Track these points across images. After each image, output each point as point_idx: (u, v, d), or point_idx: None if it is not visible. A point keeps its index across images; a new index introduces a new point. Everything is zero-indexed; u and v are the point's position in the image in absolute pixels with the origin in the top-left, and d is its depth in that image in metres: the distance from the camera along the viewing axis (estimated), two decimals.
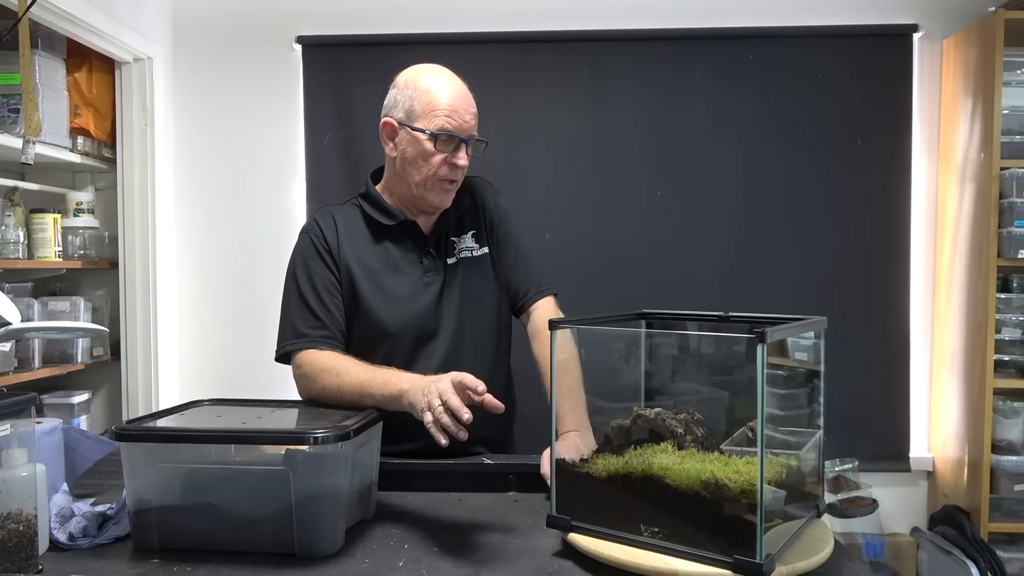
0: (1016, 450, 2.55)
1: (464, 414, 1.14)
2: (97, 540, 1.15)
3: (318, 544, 1.10)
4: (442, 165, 1.47)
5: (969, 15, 2.69)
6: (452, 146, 1.47)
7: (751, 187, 2.79)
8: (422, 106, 1.46)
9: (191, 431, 1.18)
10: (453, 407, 1.15)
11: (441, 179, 1.49)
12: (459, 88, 1.49)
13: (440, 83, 1.48)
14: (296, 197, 2.90)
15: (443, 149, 1.46)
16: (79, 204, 2.77)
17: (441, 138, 1.45)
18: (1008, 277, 2.64)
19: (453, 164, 1.47)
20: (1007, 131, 2.55)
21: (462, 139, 1.47)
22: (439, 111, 1.45)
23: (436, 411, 1.16)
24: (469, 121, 1.48)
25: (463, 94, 1.49)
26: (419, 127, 1.46)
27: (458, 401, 1.15)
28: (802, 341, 1.24)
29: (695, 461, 1.05)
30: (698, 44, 2.79)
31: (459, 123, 1.46)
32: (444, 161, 1.47)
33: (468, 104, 1.49)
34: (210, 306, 2.94)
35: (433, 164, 1.47)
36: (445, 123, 1.45)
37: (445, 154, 1.47)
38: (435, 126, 1.45)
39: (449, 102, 1.46)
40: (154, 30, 2.80)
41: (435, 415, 1.16)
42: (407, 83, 1.50)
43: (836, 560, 1.06)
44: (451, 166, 1.47)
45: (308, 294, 1.50)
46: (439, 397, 1.17)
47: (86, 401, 2.79)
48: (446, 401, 1.16)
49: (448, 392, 1.17)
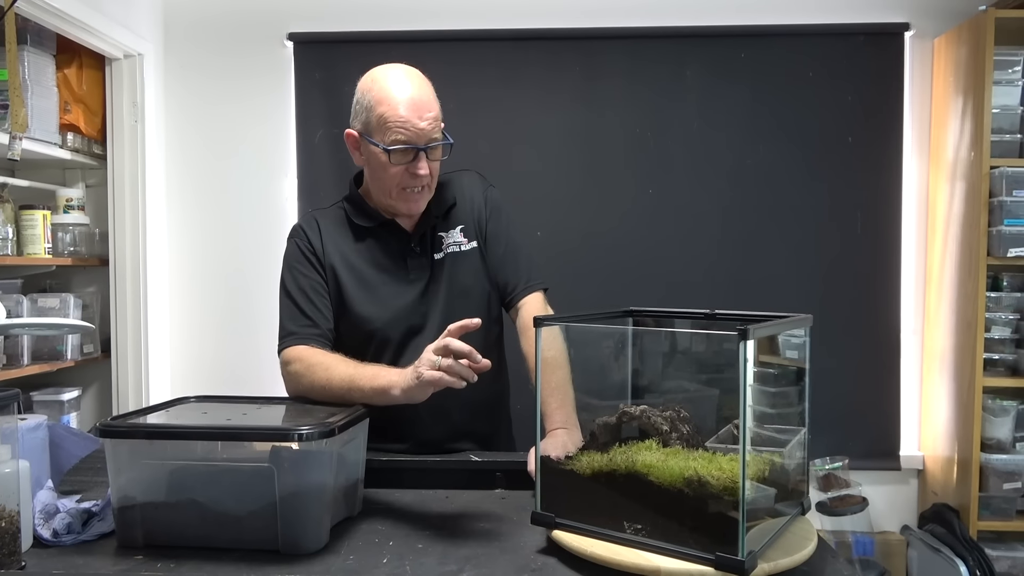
0: (1005, 448, 2.56)
1: (468, 351, 1.16)
2: (81, 537, 1.14)
3: (302, 541, 1.10)
4: (402, 175, 1.46)
5: (960, 14, 2.70)
6: (409, 157, 1.45)
7: (742, 185, 2.80)
8: (376, 119, 1.44)
9: (175, 428, 1.18)
10: (456, 349, 1.16)
11: (404, 188, 1.48)
12: (413, 94, 1.43)
13: (393, 91, 1.43)
14: (287, 194, 2.89)
15: (399, 161, 1.45)
16: (69, 200, 2.76)
17: (396, 151, 1.44)
18: (998, 276, 2.65)
19: (413, 173, 1.46)
20: (997, 130, 2.55)
21: (419, 148, 1.45)
22: (391, 124, 1.42)
23: (440, 363, 1.17)
24: (425, 128, 1.43)
25: (416, 101, 1.43)
26: (375, 140, 1.45)
27: (459, 343, 1.17)
28: (793, 339, 1.24)
29: (679, 458, 1.05)
30: (689, 43, 2.79)
31: (413, 133, 1.43)
32: (404, 171, 1.46)
33: (423, 110, 1.43)
34: (201, 303, 2.94)
35: (393, 175, 1.46)
36: (398, 135, 1.42)
37: (403, 165, 1.46)
38: (389, 140, 1.43)
39: (402, 113, 1.42)
40: (145, 27, 2.79)
41: (444, 367, 1.17)
42: (364, 91, 1.47)
43: (819, 557, 1.06)
44: (412, 175, 1.46)
45: (296, 295, 1.52)
46: (436, 354, 1.18)
47: (76, 398, 2.78)
48: (445, 346, 1.17)
49: (441, 343, 1.18)
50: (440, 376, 1.17)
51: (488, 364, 1.17)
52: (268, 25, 2.87)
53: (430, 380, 1.18)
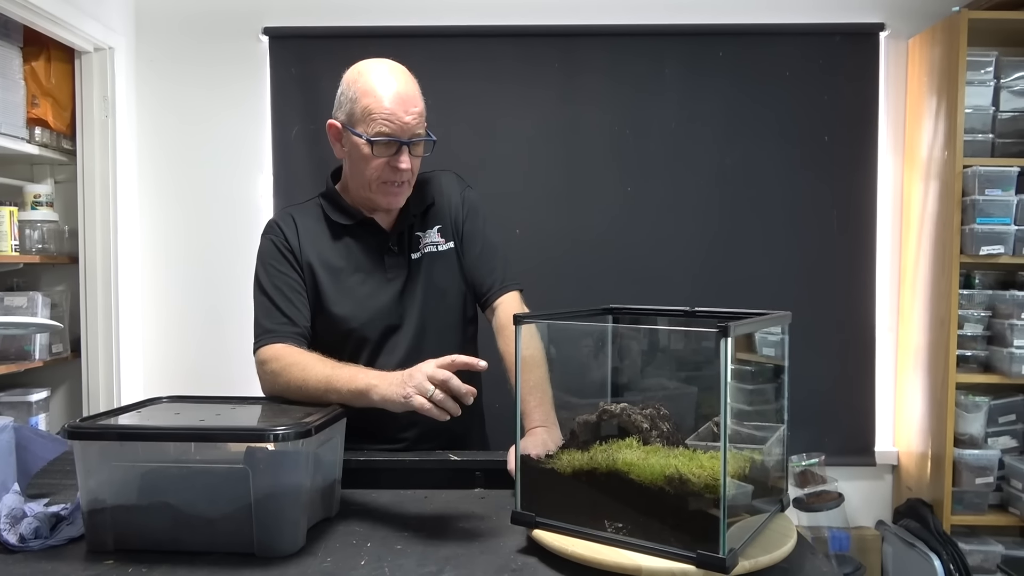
0: (977, 444, 2.60)
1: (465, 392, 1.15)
2: (49, 542, 1.12)
3: (278, 543, 1.08)
4: (384, 168, 1.45)
5: (934, 15, 2.73)
6: (392, 150, 1.44)
7: (719, 183, 2.81)
8: (361, 110, 1.43)
9: (147, 429, 1.15)
10: (454, 388, 1.15)
11: (385, 182, 1.47)
12: (399, 88, 1.43)
13: (379, 84, 1.43)
14: (262, 191, 2.85)
15: (382, 154, 1.44)
16: (37, 197, 2.70)
17: (379, 143, 1.43)
18: (970, 273, 2.68)
19: (395, 167, 1.45)
20: (970, 130, 2.59)
21: (402, 142, 1.44)
22: (376, 115, 1.41)
23: (434, 395, 1.15)
24: (409, 123, 1.43)
25: (403, 95, 1.43)
26: (358, 132, 1.44)
27: (458, 382, 1.16)
28: (770, 337, 1.24)
29: (659, 456, 1.05)
30: (668, 40, 2.80)
31: (398, 126, 1.42)
32: (386, 164, 1.45)
33: (408, 105, 1.43)
34: (174, 301, 2.89)
35: (375, 168, 1.45)
36: (382, 127, 1.42)
37: (385, 158, 1.45)
38: (372, 131, 1.42)
39: (387, 105, 1.41)
40: (116, 19, 2.74)
41: (431, 398, 1.15)
42: (349, 83, 1.46)
43: (798, 554, 1.06)
44: (393, 169, 1.45)
45: (272, 293, 1.49)
46: (429, 381, 1.16)
47: (45, 399, 2.72)
48: (445, 381, 1.15)
49: (441, 374, 1.16)
50: (429, 408, 1.16)
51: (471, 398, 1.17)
52: (243, 19, 2.83)
53: (417, 407, 1.17)
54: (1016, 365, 2.53)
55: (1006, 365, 2.55)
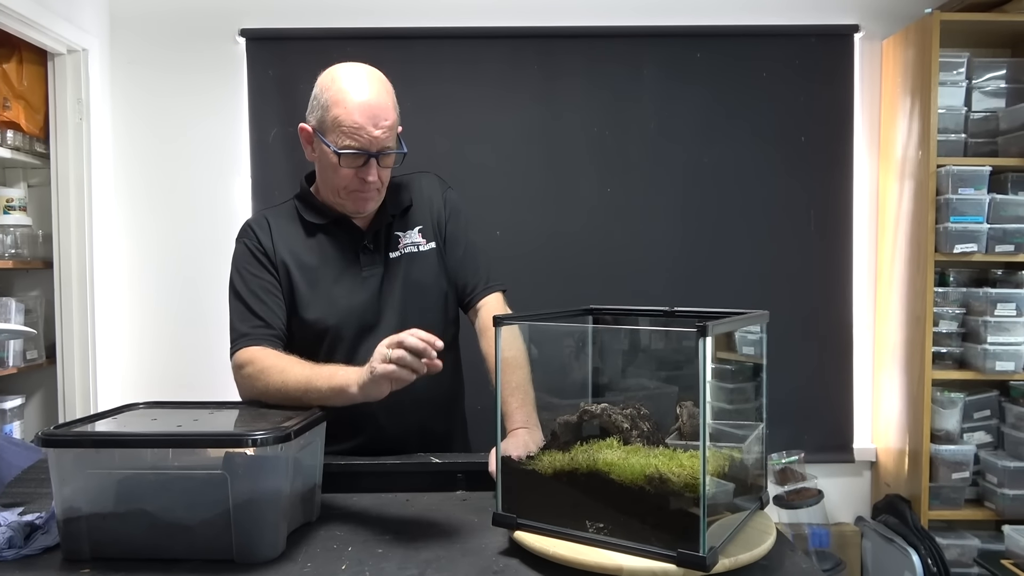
0: (953, 439, 2.63)
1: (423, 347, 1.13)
2: (24, 551, 1.10)
3: (258, 549, 1.07)
4: (352, 179, 1.45)
5: (907, 16, 2.77)
6: (359, 162, 1.43)
7: (698, 184, 2.83)
8: (331, 119, 1.41)
9: (123, 436, 1.13)
10: (410, 345, 1.13)
11: (352, 191, 1.46)
12: (370, 99, 1.40)
13: (350, 95, 1.40)
14: (240, 194, 2.83)
15: (349, 166, 1.43)
16: (10, 201, 2.66)
17: (346, 155, 1.41)
18: (945, 271, 2.72)
19: (362, 179, 1.44)
20: (943, 130, 2.62)
21: (370, 154, 1.42)
22: (344, 128, 1.39)
23: (394, 356, 1.14)
24: (378, 136, 1.41)
25: (373, 106, 1.40)
26: (327, 141, 1.42)
27: (413, 340, 1.14)
28: (749, 335, 1.25)
29: (640, 456, 1.05)
30: (646, 42, 2.81)
31: (366, 140, 1.40)
32: (354, 175, 1.44)
33: (378, 118, 1.40)
34: (151, 306, 2.86)
35: (342, 177, 1.45)
36: (350, 141, 1.40)
37: (353, 169, 1.44)
38: (341, 144, 1.41)
39: (356, 119, 1.39)
40: (90, 21, 2.70)
41: (394, 359, 1.14)
42: (323, 89, 1.44)
43: (778, 551, 1.07)
44: (360, 180, 1.44)
45: (247, 296, 1.48)
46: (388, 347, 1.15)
47: (19, 406, 2.68)
48: (399, 342, 1.14)
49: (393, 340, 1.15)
50: (392, 369, 1.15)
51: (439, 365, 1.16)
52: (219, 20, 2.80)
53: (383, 373, 1.16)
54: (990, 361, 2.57)
55: (980, 361, 2.59)
